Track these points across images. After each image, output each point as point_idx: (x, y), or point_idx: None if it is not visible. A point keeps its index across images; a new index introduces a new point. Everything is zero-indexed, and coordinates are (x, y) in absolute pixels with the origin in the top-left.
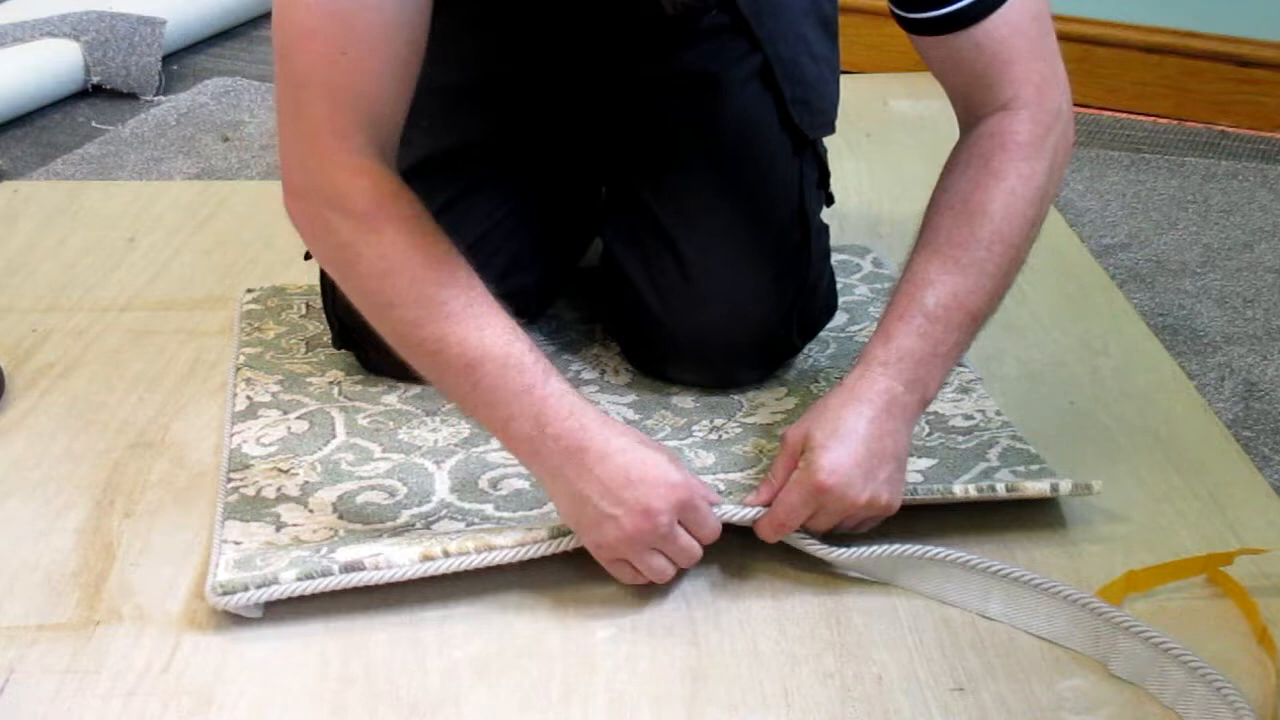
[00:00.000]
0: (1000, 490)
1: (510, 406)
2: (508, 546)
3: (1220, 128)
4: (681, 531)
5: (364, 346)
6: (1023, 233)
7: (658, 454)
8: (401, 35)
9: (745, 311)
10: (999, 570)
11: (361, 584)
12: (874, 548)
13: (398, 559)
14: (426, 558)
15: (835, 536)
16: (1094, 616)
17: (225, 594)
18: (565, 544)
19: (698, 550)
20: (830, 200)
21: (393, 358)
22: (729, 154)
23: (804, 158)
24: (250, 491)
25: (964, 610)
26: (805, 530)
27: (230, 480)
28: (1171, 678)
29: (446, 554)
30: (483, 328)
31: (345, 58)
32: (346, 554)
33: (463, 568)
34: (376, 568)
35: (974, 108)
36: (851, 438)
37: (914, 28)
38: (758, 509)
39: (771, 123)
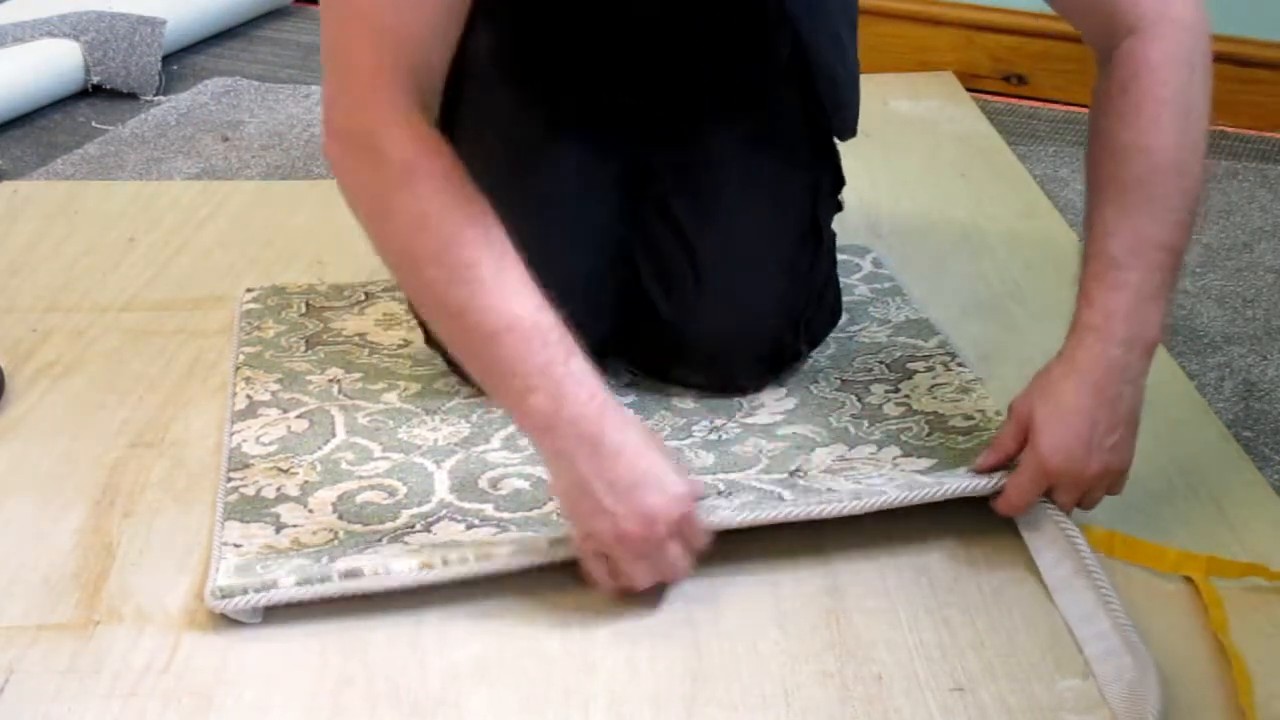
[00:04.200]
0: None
1: (529, 380)
2: (505, 556)
3: (1220, 128)
4: (673, 545)
5: None
6: (1185, 151)
7: (666, 460)
8: None
9: (757, 318)
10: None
11: (360, 591)
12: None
13: (397, 567)
14: (425, 566)
15: None
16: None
17: (224, 598)
18: (562, 553)
19: (685, 567)
20: (839, 207)
21: None
22: (754, 157)
23: (822, 165)
24: (250, 491)
25: (964, 610)
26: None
27: (230, 480)
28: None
29: (445, 563)
30: (510, 296)
31: (395, 6)
32: (346, 563)
33: (461, 576)
34: (375, 574)
35: (1105, 39)
36: (1073, 414)
37: None
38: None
39: (797, 128)
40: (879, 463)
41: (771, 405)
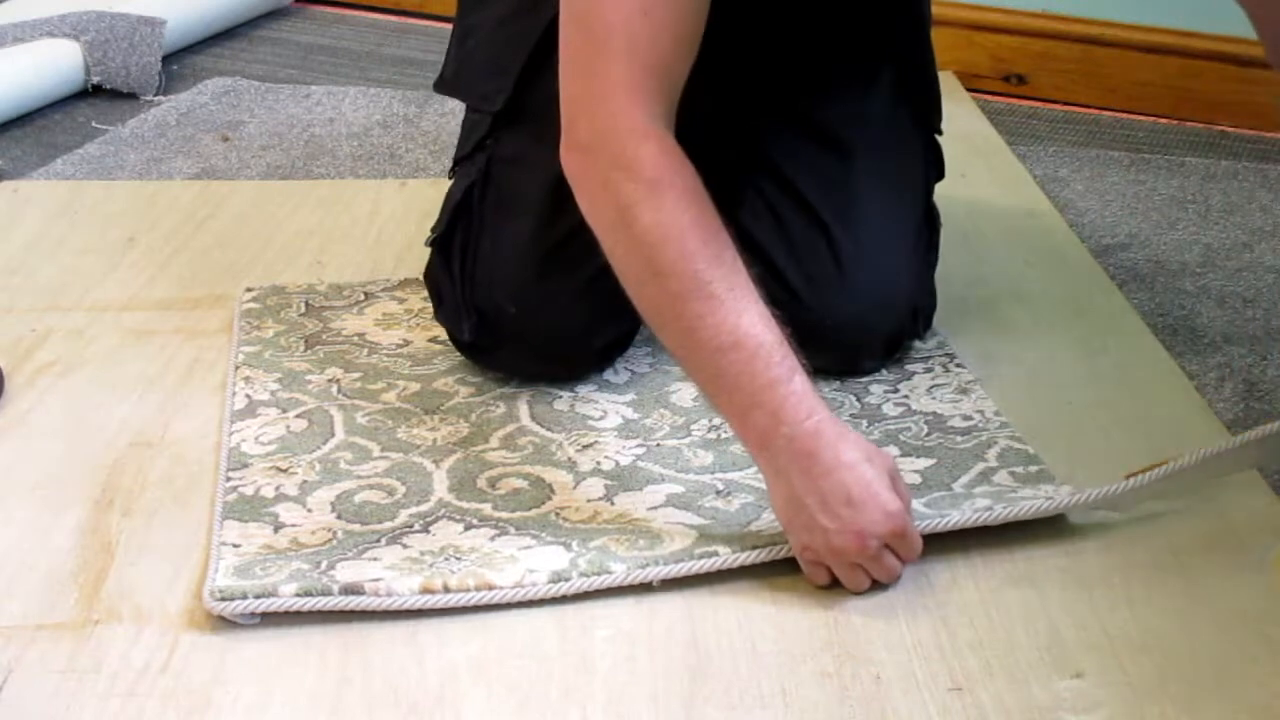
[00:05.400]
0: (998, 512)
1: (753, 397)
2: (507, 587)
3: (1220, 128)
4: (887, 553)
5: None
6: None
7: (883, 476)
8: None
9: (891, 304)
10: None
11: (360, 608)
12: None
13: (399, 588)
14: (426, 590)
15: None
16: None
17: (223, 600)
18: (564, 588)
19: (899, 570)
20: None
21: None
22: (878, 147)
23: (930, 155)
24: (249, 491)
25: (962, 610)
26: None
27: (229, 479)
28: None
29: (447, 589)
30: (740, 313)
31: (647, 17)
32: (347, 574)
33: (461, 604)
34: (376, 594)
35: None
36: None
37: None
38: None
39: (909, 122)
40: None
41: None
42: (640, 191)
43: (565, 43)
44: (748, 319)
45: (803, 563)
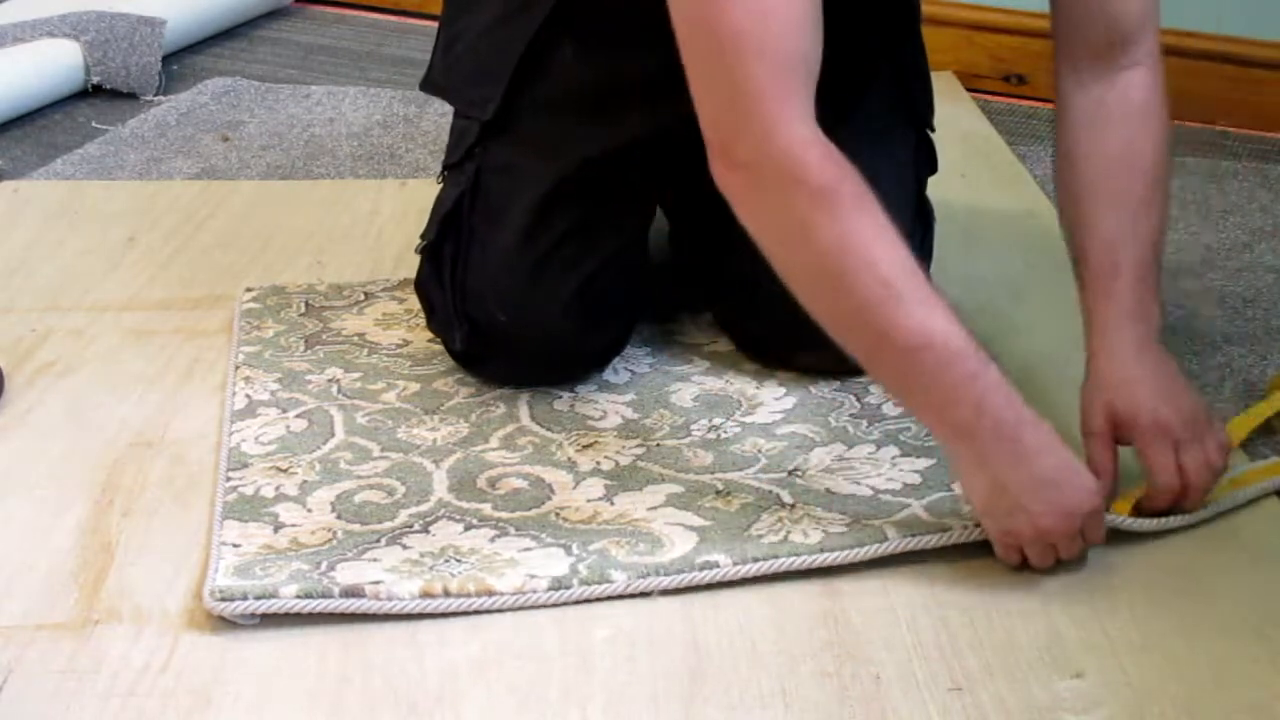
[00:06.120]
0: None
1: (952, 392)
2: (508, 593)
3: (1220, 128)
4: (1078, 538)
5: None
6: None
7: (1076, 458)
8: None
9: None
10: None
11: (360, 610)
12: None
13: (399, 591)
14: (427, 594)
15: None
16: None
17: (223, 600)
18: (564, 596)
19: (1082, 554)
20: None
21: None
22: (870, 144)
23: (921, 149)
24: (249, 491)
25: (962, 610)
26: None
27: (229, 479)
28: None
29: (447, 593)
30: (927, 313)
31: (772, 16)
32: (347, 575)
33: (461, 609)
34: (377, 597)
35: (1105, 50)
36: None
37: None
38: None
39: (901, 121)
40: (878, 462)
41: (770, 404)
42: (813, 203)
43: (691, 55)
44: (934, 318)
45: (998, 546)
